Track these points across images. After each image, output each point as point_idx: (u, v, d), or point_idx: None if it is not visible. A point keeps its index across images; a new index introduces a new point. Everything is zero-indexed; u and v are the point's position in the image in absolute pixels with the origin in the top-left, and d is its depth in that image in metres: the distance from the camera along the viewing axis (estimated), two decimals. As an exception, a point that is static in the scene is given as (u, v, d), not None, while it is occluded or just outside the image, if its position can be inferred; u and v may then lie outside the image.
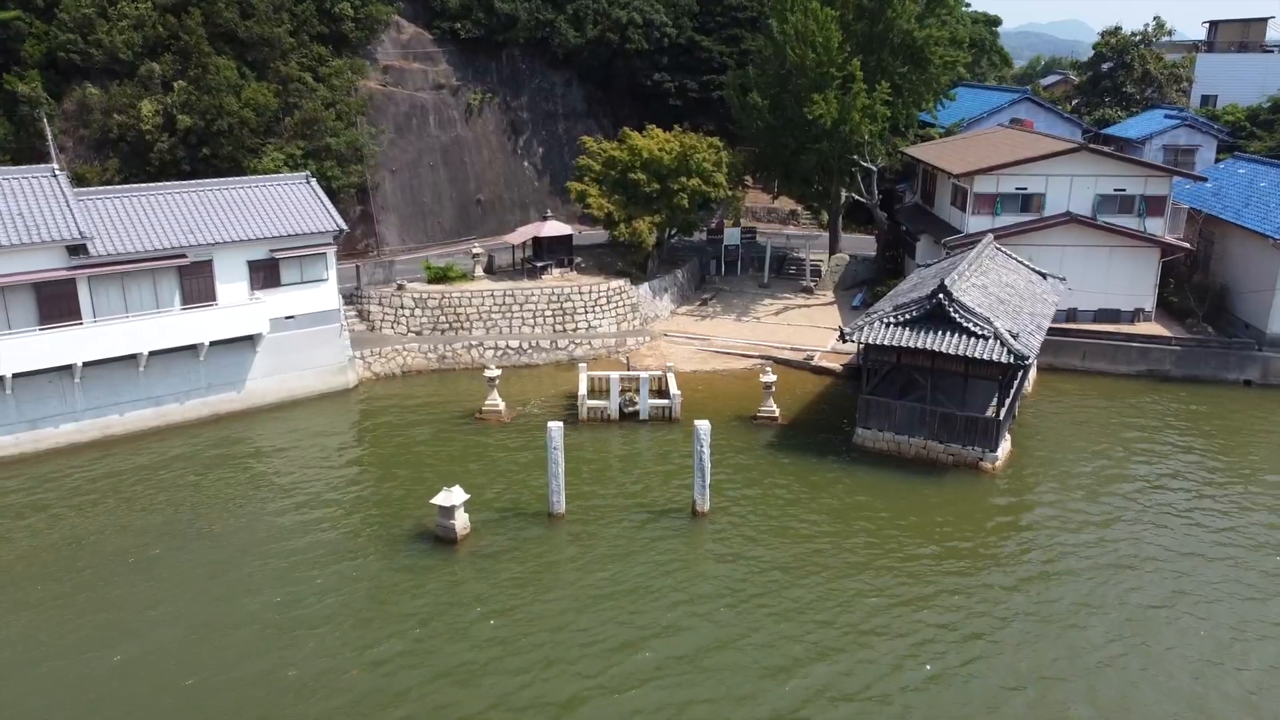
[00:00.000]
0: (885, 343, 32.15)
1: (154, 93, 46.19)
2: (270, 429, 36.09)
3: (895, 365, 33.80)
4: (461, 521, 27.80)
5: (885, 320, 32.62)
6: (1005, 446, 33.09)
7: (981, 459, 32.37)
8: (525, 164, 59.89)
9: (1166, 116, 62.61)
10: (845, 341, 33.57)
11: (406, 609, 24.43)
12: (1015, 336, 31.34)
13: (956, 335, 31.49)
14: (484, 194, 57.30)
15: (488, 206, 57.40)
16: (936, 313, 31.98)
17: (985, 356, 30.76)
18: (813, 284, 51.88)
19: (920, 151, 52.06)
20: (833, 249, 53.55)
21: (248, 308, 36.35)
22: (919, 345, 31.59)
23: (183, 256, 34.89)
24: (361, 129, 50.69)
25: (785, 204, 64.61)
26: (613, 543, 27.67)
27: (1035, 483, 31.87)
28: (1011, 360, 30.78)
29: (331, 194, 48.84)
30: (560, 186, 56.29)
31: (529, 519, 29.02)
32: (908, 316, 32.37)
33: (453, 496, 27.54)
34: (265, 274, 37.12)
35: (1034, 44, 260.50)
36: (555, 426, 28.55)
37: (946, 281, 32.26)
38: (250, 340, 36.99)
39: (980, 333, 31.25)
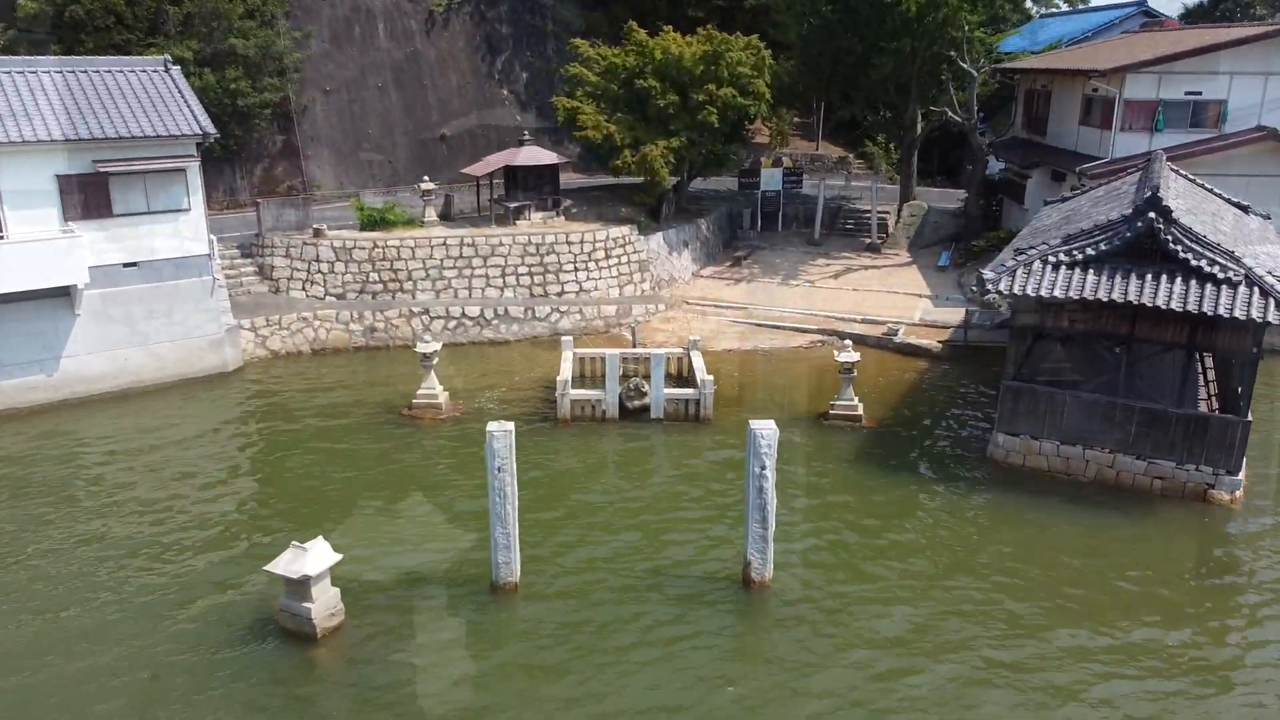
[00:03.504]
0: (1057, 294, 19.43)
1: (-13, -31, 33.86)
2: (90, 431, 23.67)
3: (1064, 334, 21.10)
4: (326, 602, 15.28)
5: (1052, 259, 19.93)
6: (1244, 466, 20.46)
7: (1213, 486, 19.71)
8: (505, 92, 47.11)
9: (1315, 38, 49.63)
10: (983, 293, 20.82)
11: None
12: (1282, 281, 18.70)
13: (1182, 279, 18.82)
14: (450, 128, 44.63)
15: (455, 144, 44.73)
16: (1143, 244, 19.31)
17: (1238, 314, 18.08)
18: (880, 241, 39.21)
19: (1032, 62, 39.09)
20: (905, 195, 40.77)
21: (52, 244, 23.85)
22: (1119, 297, 18.89)
23: (-58, 163, 22.57)
24: (281, 32, 38.21)
25: (831, 149, 51.85)
26: (600, 642, 15.12)
27: (1307, 527, 19.15)
28: (1283, 320, 18.15)
29: (240, 115, 36.51)
30: (551, 124, 43.52)
31: (456, 593, 16.51)
32: (1092, 252, 19.68)
33: (307, 561, 14.98)
34: (87, 197, 24.64)
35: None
36: (499, 430, 15.94)
37: (1160, 190, 19.58)
38: (65, 296, 24.59)
39: (1224, 275, 18.57)
